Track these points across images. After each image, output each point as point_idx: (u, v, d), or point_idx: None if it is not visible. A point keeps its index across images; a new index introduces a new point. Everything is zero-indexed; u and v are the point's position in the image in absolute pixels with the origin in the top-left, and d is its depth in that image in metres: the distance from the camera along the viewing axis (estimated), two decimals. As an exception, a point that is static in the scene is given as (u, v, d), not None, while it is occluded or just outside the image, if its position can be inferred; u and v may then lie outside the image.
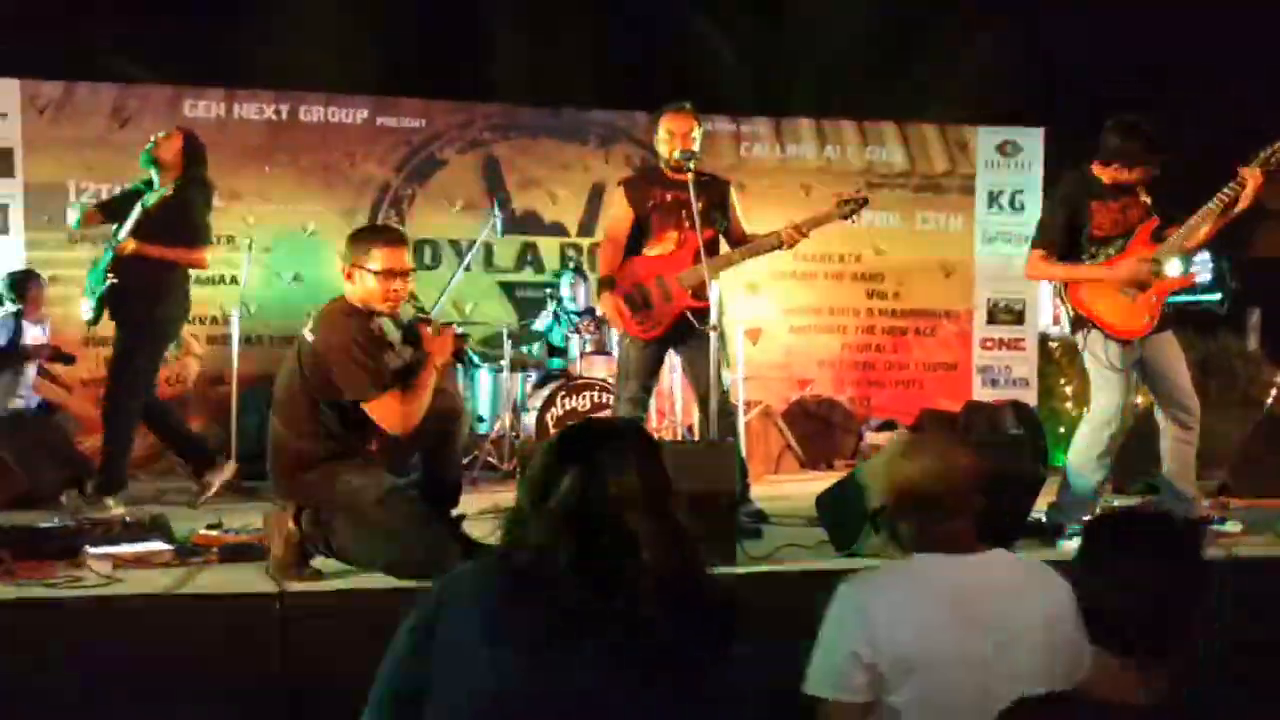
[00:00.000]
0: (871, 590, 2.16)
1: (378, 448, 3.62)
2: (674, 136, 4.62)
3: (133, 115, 6.99)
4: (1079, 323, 4.14)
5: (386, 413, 3.44)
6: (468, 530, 3.85)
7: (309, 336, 3.58)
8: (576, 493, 1.75)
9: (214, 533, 3.98)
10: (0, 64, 6.78)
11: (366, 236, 3.75)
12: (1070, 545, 3.89)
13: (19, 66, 6.83)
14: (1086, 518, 4.21)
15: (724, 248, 4.76)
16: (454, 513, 3.80)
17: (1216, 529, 4.20)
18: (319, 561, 3.46)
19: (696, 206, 4.41)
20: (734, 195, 4.84)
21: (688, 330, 4.62)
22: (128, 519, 4.18)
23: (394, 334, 3.84)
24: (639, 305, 4.65)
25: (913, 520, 2.24)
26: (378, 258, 3.58)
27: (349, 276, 3.61)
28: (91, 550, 3.55)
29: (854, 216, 4.73)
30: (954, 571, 2.15)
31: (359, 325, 3.51)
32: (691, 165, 4.54)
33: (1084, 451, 4.08)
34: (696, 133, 4.66)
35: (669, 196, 4.67)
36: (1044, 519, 4.18)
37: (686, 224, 4.57)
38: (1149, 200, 4.24)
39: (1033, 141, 8.19)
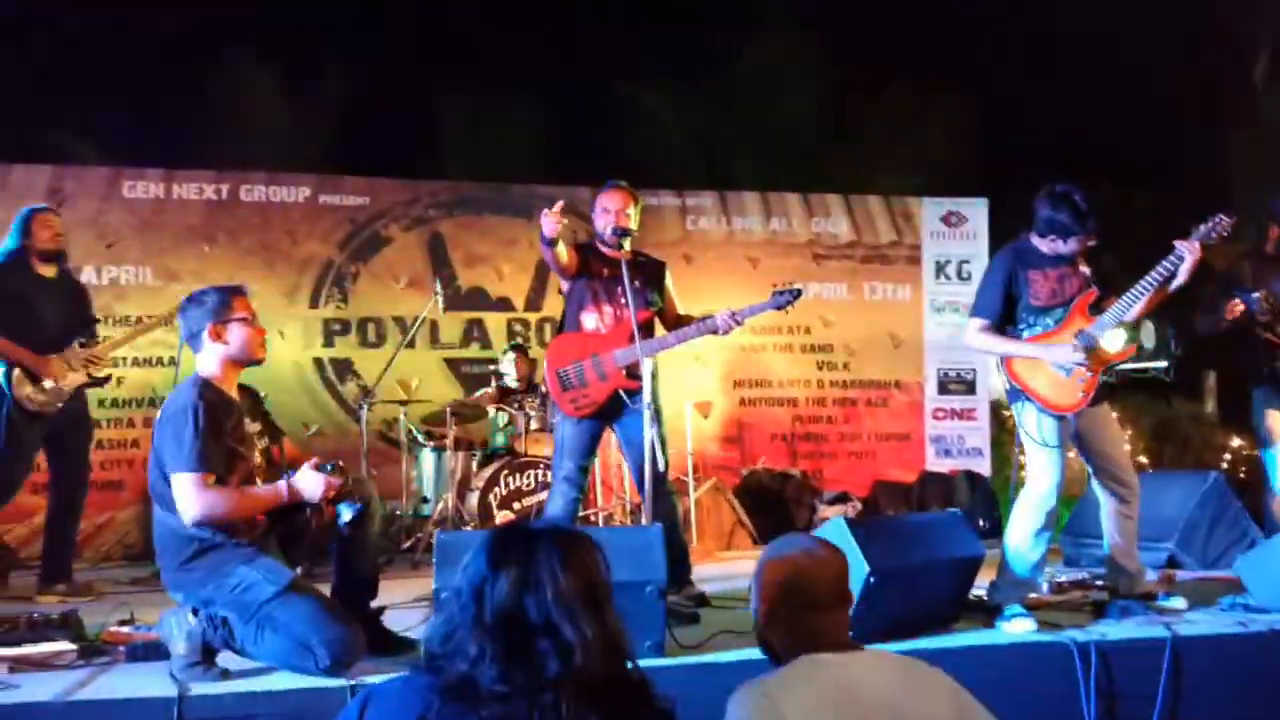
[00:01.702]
0: (776, 687, 2.03)
1: (279, 534, 3.47)
2: (609, 213, 4.59)
3: (69, 196, 6.91)
4: (1014, 395, 4.09)
5: (186, 494, 3.20)
6: (393, 620, 3.73)
7: (160, 416, 3.45)
8: (512, 599, 1.68)
9: (124, 629, 3.80)
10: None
11: (217, 294, 3.52)
12: (1011, 626, 3.78)
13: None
14: (1032, 595, 4.13)
15: (659, 329, 4.71)
16: (374, 604, 3.65)
17: (1161, 604, 4.11)
18: (226, 658, 3.30)
19: (633, 286, 4.36)
20: (669, 276, 4.80)
21: (624, 408, 4.54)
22: (35, 615, 3.99)
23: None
24: (572, 383, 4.57)
25: (788, 623, 2.16)
26: (241, 306, 3.49)
27: (216, 337, 3.44)
28: (-14, 652, 3.38)
29: (788, 307, 4.64)
30: (845, 670, 2.06)
31: (201, 394, 3.32)
32: (625, 244, 4.50)
33: (1021, 529, 3.99)
34: (633, 210, 4.62)
35: (606, 272, 4.62)
36: (985, 596, 4.07)
37: (622, 301, 4.52)
38: (1088, 270, 4.20)
39: (977, 211, 8.25)
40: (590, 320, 4.65)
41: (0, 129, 6.67)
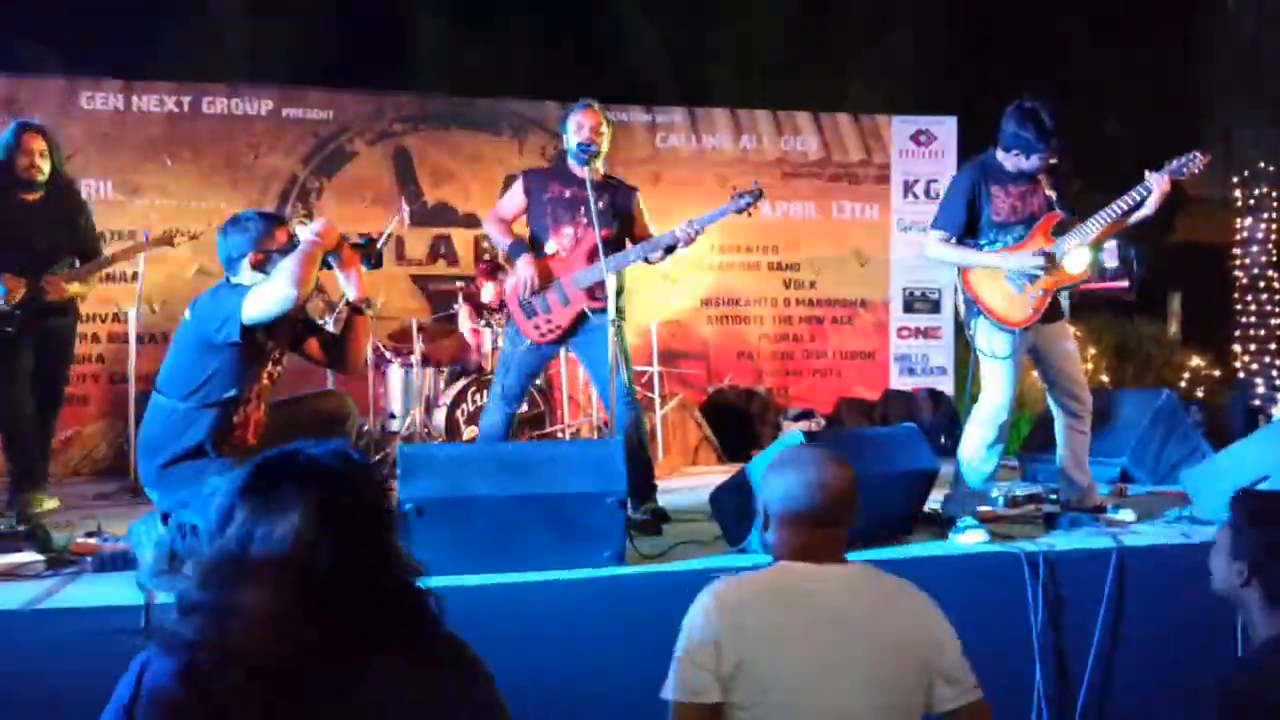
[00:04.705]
0: (727, 595, 2.14)
1: (256, 443, 3.51)
2: (582, 129, 4.59)
3: (25, 107, 6.76)
4: (969, 307, 4.16)
5: (257, 293, 3.34)
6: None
7: (188, 314, 3.55)
8: (235, 540, 1.50)
9: (92, 540, 3.84)
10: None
11: (261, 221, 3.63)
12: (963, 538, 3.88)
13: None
14: (982, 508, 4.23)
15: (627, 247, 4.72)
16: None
17: (1110, 516, 4.23)
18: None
19: (597, 206, 4.37)
20: (640, 202, 4.78)
21: (582, 326, 4.57)
22: (4, 527, 4.02)
23: None
24: (536, 310, 4.59)
25: (782, 533, 2.23)
26: (284, 236, 3.57)
27: (256, 265, 3.49)
28: (-50, 563, 3.41)
29: (749, 210, 4.66)
30: (814, 583, 2.14)
31: None
32: (589, 160, 4.50)
33: (974, 442, 4.08)
34: (605, 130, 4.63)
35: (568, 193, 4.63)
36: (940, 509, 4.17)
37: (584, 221, 4.54)
38: (1053, 194, 4.23)
39: (946, 130, 8.24)
40: (550, 245, 4.66)
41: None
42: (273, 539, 1.49)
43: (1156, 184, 4.00)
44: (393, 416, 6.74)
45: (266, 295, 3.31)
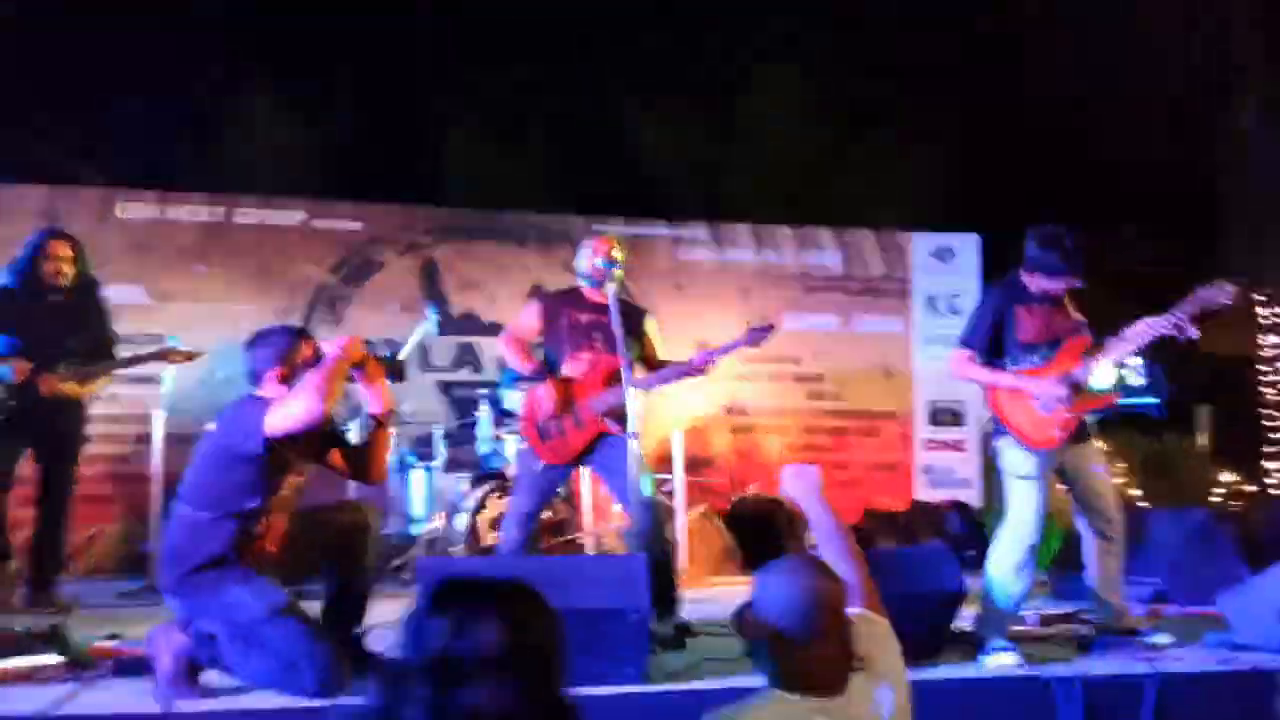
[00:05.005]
0: None
1: (277, 552, 3.50)
2: (596, 254, 4.64)
3: (63, 217, 6.92)
4: (995, 426, 4.13)
5: (279, 410, 3.34)
6: (379, 640, 3.73)
7: (212, 425, 3.56)
8: (437, 648, 1.60)
9: (110, 644, 3.81)
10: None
11: (285, 336, 3.68)
12: (993, 660, 3.79)
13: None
14: (1014, 627, 4.14)
15: (639, 372, 4.73)
16: (358, 629, 3.66)
17: (1145, 640, 4.11)
18: (211, 677, 3.31)
19: (615, 327, 4.39)
20: (651, 325, 4.83)
21: (599, 445, 4.55)
22: (23, 629, 3.98)
23: None
24: (551, 435, 4.58)
25: (769, 655, 2.09)
26: (309, 350, 3.61)
27: (282, 380, 3.50)
28: (-30, 665, 3.38)
29: (762, 343, 4.68)
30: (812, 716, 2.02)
31: None
32: (610, 276, 4.53)
33: (1003, 563, 4.00)
34: (617, 252, 4.67)
35: (584, 318, 4.67)
36: (971, 628, 4.08)
37: (600, 346, 4.58)
38: (1080, 316, 4.22)
39: (968, 246, 8.31)
40: (567, 368, 4.67)
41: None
42: (475, 648, 1.61)
43: (1185, 322, 3.93)
44: (414, 521, 6.70)
45: (291, 410, 3.32)
